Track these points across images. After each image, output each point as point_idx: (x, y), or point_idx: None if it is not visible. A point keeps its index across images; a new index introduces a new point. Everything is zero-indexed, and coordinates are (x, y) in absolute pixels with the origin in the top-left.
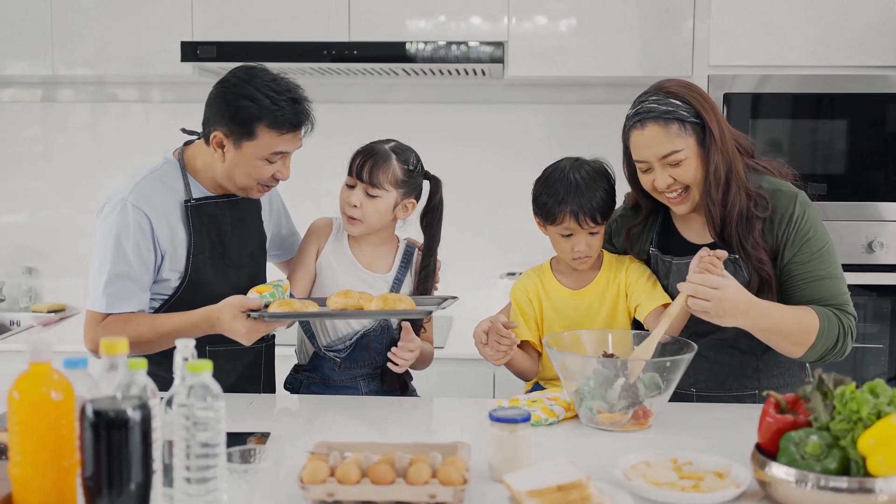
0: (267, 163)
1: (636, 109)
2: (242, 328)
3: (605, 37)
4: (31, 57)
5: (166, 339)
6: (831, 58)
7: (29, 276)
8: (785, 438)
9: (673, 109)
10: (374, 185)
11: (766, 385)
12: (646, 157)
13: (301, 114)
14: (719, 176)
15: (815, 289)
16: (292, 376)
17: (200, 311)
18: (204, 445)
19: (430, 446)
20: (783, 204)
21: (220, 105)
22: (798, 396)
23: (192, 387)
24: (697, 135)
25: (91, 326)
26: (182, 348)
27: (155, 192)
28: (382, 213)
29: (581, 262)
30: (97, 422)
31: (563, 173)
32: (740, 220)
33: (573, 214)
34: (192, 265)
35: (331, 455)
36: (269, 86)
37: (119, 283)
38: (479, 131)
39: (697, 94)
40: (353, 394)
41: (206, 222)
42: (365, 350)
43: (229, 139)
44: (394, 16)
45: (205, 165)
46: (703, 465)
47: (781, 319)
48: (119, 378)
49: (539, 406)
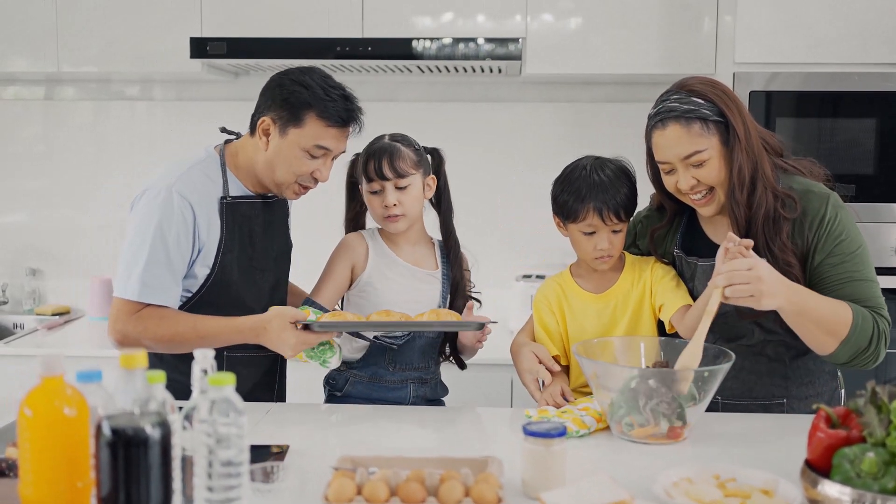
0: (308, 156)
1: (657, 109)
2: (292, 339)
3: (624, 33)
4: (35, 54)
5: (205, 341)
6: (860, 55)
7: (32, 277)
8: (838, 455)
9: (695, 108)
10: (401, 175)
11: (794, 394)
12: (668, 157)
13: (351, 111)
14: (743, 176)
15: (849, 291)
16: (336, 372)
17: (247, 319)
18: (227, 464)
19: (460, 461)
20: (814, 205)
21: (273, 91)
22: (849, 410)
23: (215, 402)
24: (721, 134)
25: (122, 316)
26: (201, 359)
27: (199, 185)
28: (418, 199)
29: (603, 261)
30: (114, 440)
31: (585, 171)
32: (766, 221)
33: (597, 210)
34: (219, 263)
35: (357, 471)
36: (324, 80)
37: (155, 271)
38: (494, 130)
39: (721, 91)
40: (400, 396)
41: (238, 221)
42: (420, 351)
43: (276, 125)
44: (407, 12)
45: (247, 160)
46: (748, 480)
47: (816, 304)
48: (136, 392)
49: (570, 417)
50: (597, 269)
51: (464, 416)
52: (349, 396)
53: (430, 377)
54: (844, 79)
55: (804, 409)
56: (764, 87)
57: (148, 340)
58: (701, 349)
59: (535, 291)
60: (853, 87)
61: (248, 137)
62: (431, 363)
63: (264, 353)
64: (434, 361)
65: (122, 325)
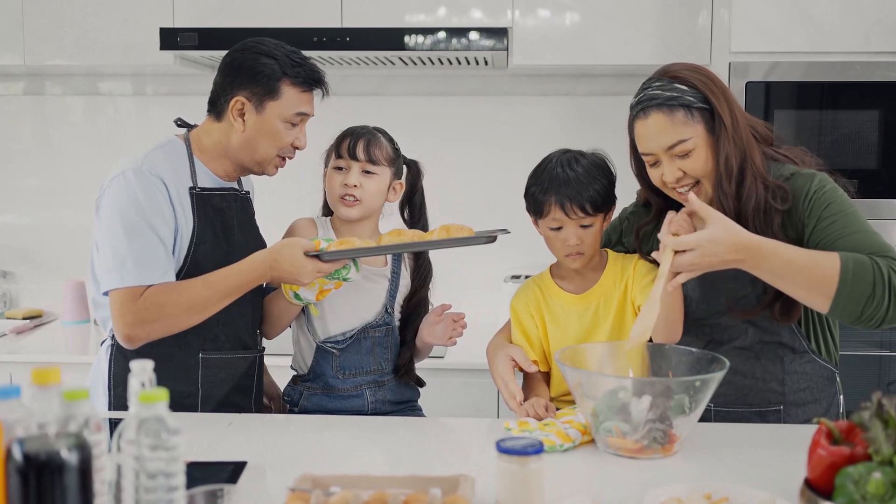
0: (289, 126)
1: (639, 98)
2: (308, 265)
3: (616, 23)
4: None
5: (221, 294)
6: (863, 43)
7: (3, 279)
8: (842, 475)
9: (678, 95)
10: (372, 161)
11: (791, 400)
12: (652, 148)
13: (318, 71)
14: (731, 166)
15: (845, 244)
16: (291, 388)
17: (255, 256)
18: (155, 490)
19: (429, 480)
20: (800, 185)
21: (238, 69)
22: (853, 424)
23: (144, 420)
24: (706, 122)
25: (128, 306)
26: (138, 371)
27: (166, 166)
28: (379, 194)
29: (573, 258)
30: (26, 465)
31: (551, 164)
32: (757, 213)
33: (559, 204)
34: (192, 256)
35: (313, 494)
36: (282, 46)
37: (149, 251)
38: (484, 125)
39: (705, 76)
40: (357, 403)
41: (210, 213)
42: (369, 354)
43: (251, 102)
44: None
45: (215, 144)
46: (743, 500)
47: (787, 259)
48: (55, 411)
49: (552, 430)
50: (570, 268)
51: (438, 428)
52: (306, 411)
53: (387, 379)
54: (846, 68)
55: (802, 416)
56: (762, 78)
57: (168, 318)
58: (653, 318)
59: (512, 295)
60: (855, 77)
61: (210, 122)
62: (384, 363)
63: (242, 353)
64: (388, 362)
65: (131, 315)
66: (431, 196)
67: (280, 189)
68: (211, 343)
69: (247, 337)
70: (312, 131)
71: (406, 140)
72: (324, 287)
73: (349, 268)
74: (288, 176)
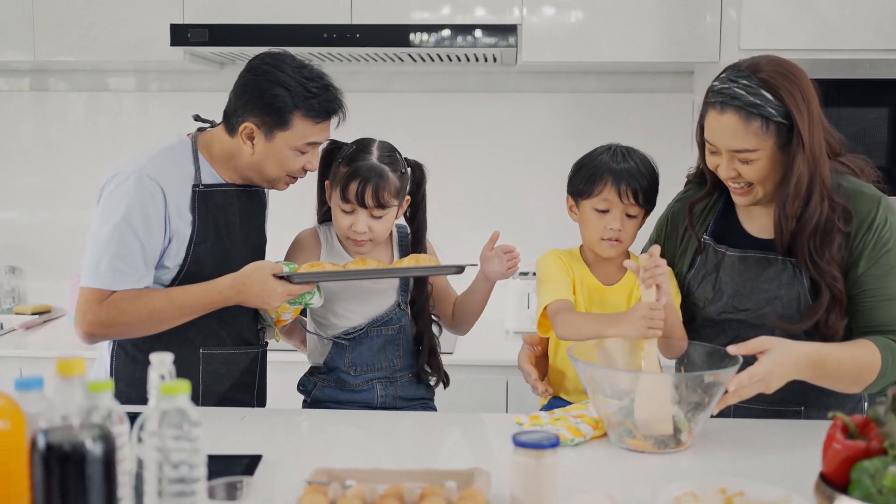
0: (299, 153)
1: (720, 89)
2: (278, 287)
3: (623, 20)
4: (10, 42)
5: (184, 311)
6: (872, 40)
7: (12, 275)
8: (857, 469)
9: (761, 104)
10: (382, 206)
11: (812, 402)
12: (717, 142)
13: (334, 101)
14: (801, 188)
15: (885, 310)
16: (306, 378)
17: (223, 279)
18: (178, 481)
19: (444, 474)
20: (864, 208)
21: (251, 95)
22: (868, 419)
23: (166, 412)
24: (779, 137)
25: (91, 306)
26: (158, 364)
27: (169, 170)
28: (389, 226)
29: (610, 243)
30: (50, 456)
31: (609, 150)
32: (815, 233)
33: (615, 185)
34: (192, 255)
35: (330, 486)
36: (300, 72)
37: (126, 258)
38: (490, 122)
39: (796, 86)
40: (367, 397)
41: (212, 211)
42: (381, 352)
43: (261, 130)
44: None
45: (224, 154)
46: (757, 495)
47: (838, 364)
48: (77, 402)
49: (563, 424)
50: (602, 254)
51: (450, 422)
52: (318, 400)
53: (399, 375)
54: (855, 66)
55: (823, 418)
56: None
57: (124, 325)
58: (666, 408)
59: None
60: (864, 74)
61: (223, 132)
62: (396, 361)
63: (243, 349)
64: (400, 359)
65: (92, 315)
66: (434, 194)
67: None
68: (212, 339)
69: (248, 333)
70: None
71: (411, 137)
72: (282, 315)
73: (313, 293)
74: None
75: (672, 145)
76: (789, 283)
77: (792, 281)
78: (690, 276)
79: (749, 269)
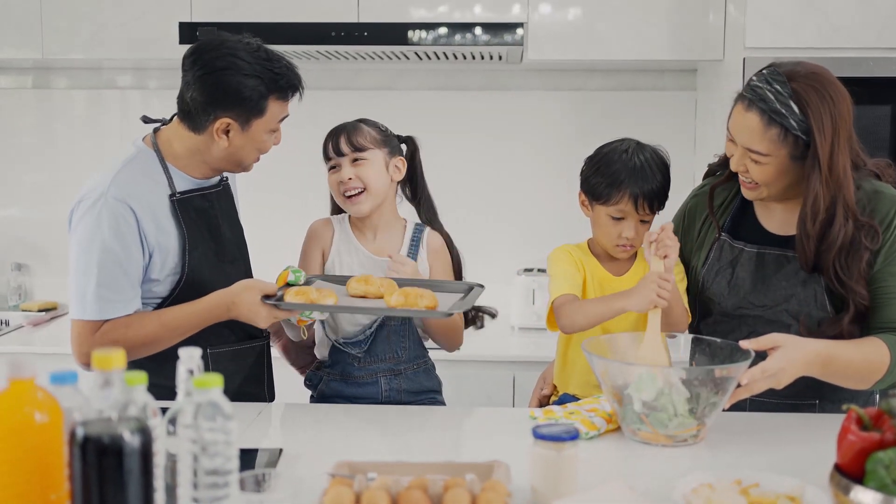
0: (271, 133)
1: (754, 85)
2: (263, 311)
3: (629, 17)
4: (19, 40)
5: (177, 333)
6: (875, 39)
7: (19, 272)
8: (872, 460)
9: (785, 114)
10: (357, 148)
11: (827, 396)
12: (735, 135)
13: (296, 75)
14: (818, 208)
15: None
16: (312, 372)
17: (212, 298)
18: (213, 473)
19: (465, 466)
20: (883, 209)
21: (220, 91)
22: (882, 411)
23: (200, 405)
24: (793, 149)
25: (85, 339)
26: (186, 359)
27: (137, 185)
28: (379, 177)
29: (623, 249)
30: (89, 448)
31: (626, 154)
32: (841, 253)
33: (633, 197)
34: (188, 264)
35: (355, 478)
36: (257, 56)
37: (110, 285)
38: (496, 120)
39: (828, 108)
40: (372, 391)
41: (196, 216)
42: (385, 342)
43: (237, 122)
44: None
45: (188, 151)
46: (773, 486)
47: (847, 362)
48: (114, 396)
49: (578, 418)
50: (614, 256)
51: (464, 416)
52: (324, 395)
53: (405, 367)
54: (858, 64)
55: (837, 412)
56: None
57: None
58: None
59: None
60: (867, 72)
61: (183, 130)
62: (401, 352)
63: (249, 343)
64: (405, 351)
65: (87, 348)
66: (439, 190)
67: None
68: (216, 338)
69: (251, 327)
70: (326, 126)
71: (417, 135)
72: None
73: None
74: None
75: (675, 143)
76: (805, 280)
77: (808, 279)
78: (705, 272)
79: (766, 265)
